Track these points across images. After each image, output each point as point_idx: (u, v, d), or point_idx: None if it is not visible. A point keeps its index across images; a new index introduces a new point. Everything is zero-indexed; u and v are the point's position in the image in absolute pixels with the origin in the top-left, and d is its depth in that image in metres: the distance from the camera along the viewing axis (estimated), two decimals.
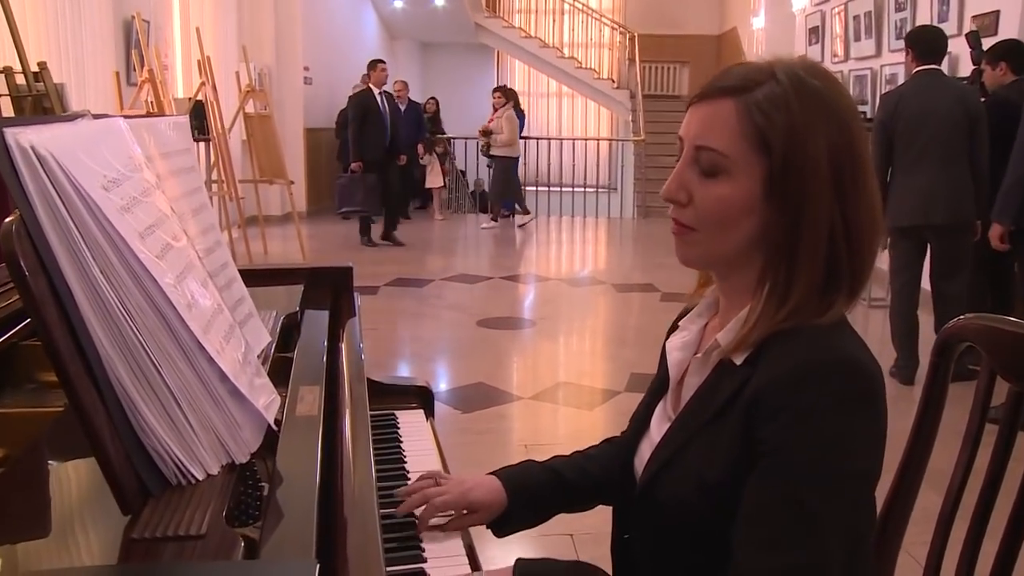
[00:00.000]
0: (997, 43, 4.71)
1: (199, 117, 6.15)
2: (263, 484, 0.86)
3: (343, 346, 1.46)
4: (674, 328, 1.22)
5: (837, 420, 0.93)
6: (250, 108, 7.44)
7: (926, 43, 4.41)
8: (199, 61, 6.13)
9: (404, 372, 4.82)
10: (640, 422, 1.21)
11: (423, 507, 1.24)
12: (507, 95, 11.02)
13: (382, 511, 1.02)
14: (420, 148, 11.24)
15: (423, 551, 1.14)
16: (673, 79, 15.22)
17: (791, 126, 0.97)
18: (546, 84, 15.97)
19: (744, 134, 0.98)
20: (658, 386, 1.21)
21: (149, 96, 5.20)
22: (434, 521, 1.24)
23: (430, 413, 1.87)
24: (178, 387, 0.79)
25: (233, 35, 8.52)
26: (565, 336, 5.86)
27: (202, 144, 6.25)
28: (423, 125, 11.60)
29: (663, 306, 6.42)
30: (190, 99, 6.23)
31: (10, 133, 0.71)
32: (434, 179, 11.73)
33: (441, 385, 4.57)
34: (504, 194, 11.03)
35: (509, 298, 6.97)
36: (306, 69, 10.43)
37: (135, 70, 5.76)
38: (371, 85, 8.79)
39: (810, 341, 0.97)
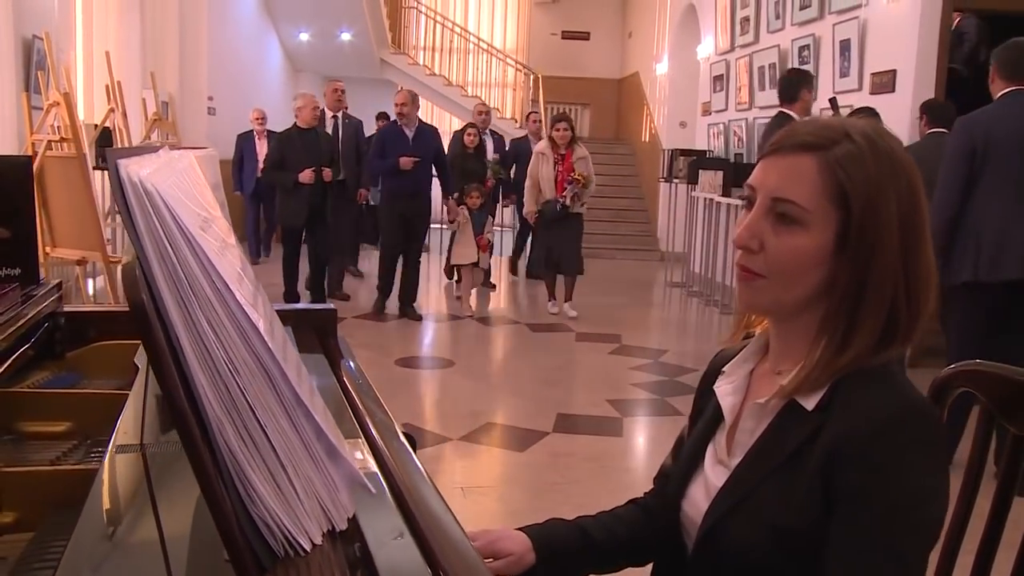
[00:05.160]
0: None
1: (105, 145, 5.88)
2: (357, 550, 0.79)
3: (353, 392, 1.38)
4: (716, 372, 1.23)
5: (924, 467, 0.97)
6: (155, 137, 7.18)
7: (938, 110, 4.84)
8: (108, 86, 5.87)
9: None
10: (687, 467, 1.20)
11: None
12: (572, 128, 7.37)
13: None
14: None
15: None
16: (575, 120, 15.52)
17: (869, 184, 1.01)
18: (449, 122, 16.01)
19: (825, 189, 1.01)
20: (703, 430, 1.21)
21: (56, 121, 4.94)
22: None
23: None
24: (283, 449, 0.71)
25: (136, 61, 8.22)
26: (486, 376, 5.81)
27: (107, 173, 5.96)
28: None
29: (579, 346, 6.45)
30: (96, 126, 5.96)
31: (123, 165, 0.63)
32: (464, 247, 7.45)
33: None
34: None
35: (423, 337, 6.88)
36: (210, 99, 10.16)
37: (40, 92, 5.46)
38: None
39: (888, 387, 1.02)
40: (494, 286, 7.16)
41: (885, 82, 6.23)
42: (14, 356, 1.35)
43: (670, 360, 6.00)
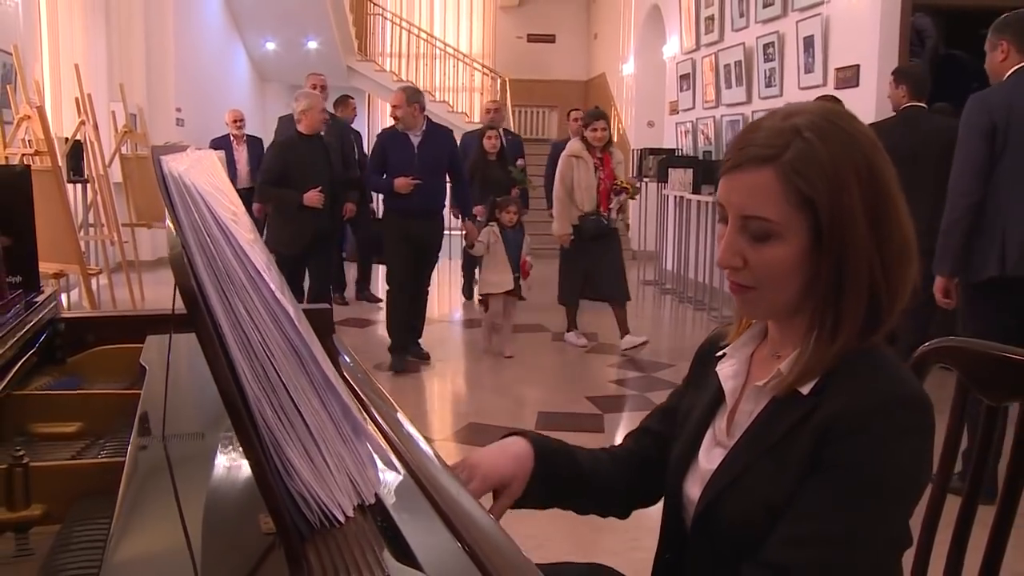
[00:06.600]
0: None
1: (76, 158, 5.86)
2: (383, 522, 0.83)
3: (355, 386, 1.42)
4: (713, 345, 1.28)
5: (910, 446, 1.01)
6: (125, 149, 7.15)
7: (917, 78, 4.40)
8: (78, 99, 5.85)
9: None
10: (687, 448, 1.23)
11: None
12: (610, 127, 6.23)
13: None
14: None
15: None
16: (543, 122, 15.64)
17: (827, 179, 1.03)
18: None
19: (788, 199, 1.04)
20: (704, 412, 1.24)
21: (27, 135, 4.92)
22: None
23: None
24: (315, 427, 0.76)
25: (103, 73, 8.19)
26: (465, 376, 5.85)
27: (79, 186, 5.96)
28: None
29: (555, 346, 6.51)
30: (67, 139, 5.94)
31: (164, 161, 0.67)
32: (498, 273, 5.85)
33: None
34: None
35: None
36: (178, 110, 10.12)
37: (10, 107, 5.44)
38: None
39: (882, 371, 1.05)
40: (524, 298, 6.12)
41: (849, 77, 6.35)
42: (22, 361, 1.38)
43: (646, 356, 6.06)
